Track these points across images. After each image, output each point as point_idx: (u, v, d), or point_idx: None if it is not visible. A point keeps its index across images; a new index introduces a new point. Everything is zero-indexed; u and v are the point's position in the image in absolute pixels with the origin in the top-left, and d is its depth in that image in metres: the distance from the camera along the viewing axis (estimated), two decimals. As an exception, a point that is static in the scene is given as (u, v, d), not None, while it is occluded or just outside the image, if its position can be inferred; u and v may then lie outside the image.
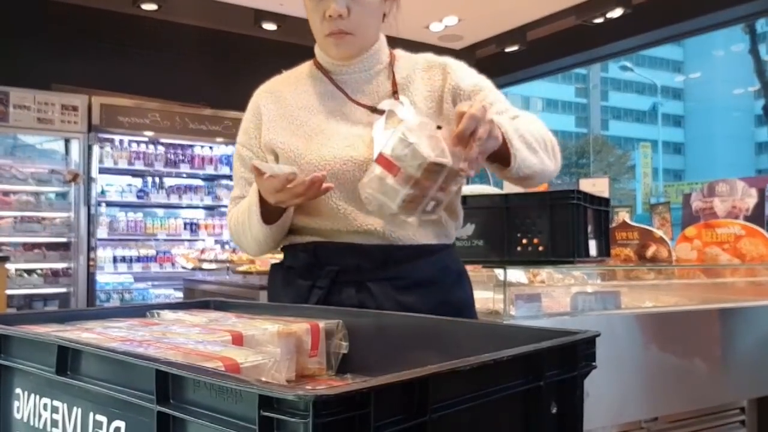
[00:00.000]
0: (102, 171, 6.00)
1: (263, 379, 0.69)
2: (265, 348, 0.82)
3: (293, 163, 1.41)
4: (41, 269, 5.84)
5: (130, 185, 6.36)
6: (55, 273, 5.88)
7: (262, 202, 1.35)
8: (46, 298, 5.86)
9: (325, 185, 1.27)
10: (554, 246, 1.99)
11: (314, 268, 1.41)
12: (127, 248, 6.27)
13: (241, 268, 4.13)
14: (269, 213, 1.38)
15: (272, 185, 1.25)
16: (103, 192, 6.08)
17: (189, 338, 0.84)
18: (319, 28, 1.46)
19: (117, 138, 6.15)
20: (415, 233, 1.40)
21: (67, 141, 5.99)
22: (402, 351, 0.94)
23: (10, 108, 5.60)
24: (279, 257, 1.56)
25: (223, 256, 4.59)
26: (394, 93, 1.45)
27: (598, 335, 0.81)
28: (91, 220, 5.88)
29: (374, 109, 1.44)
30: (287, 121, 1.50)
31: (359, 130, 1.42)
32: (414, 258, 1.40)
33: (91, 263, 5.86)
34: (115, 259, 6.15)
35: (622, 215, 2.83)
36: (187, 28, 7.14)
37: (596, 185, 3.20)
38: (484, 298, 1.95)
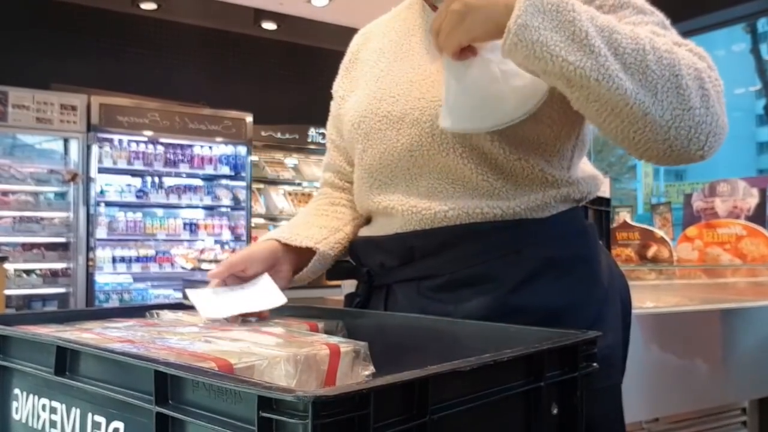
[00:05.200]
0: (101, 171, 6.01)
1: (257, 379, 0.68)
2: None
3: (341, 121, 1.19)
4: (40, 269, 5.84)
5: (129, 185, 6.36)
6: (54, 273, 5.88)
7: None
8: (45, 299, 5.86)
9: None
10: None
11: (356, 270, 1.17)
12: (126, 248, 6.27)
13: (240, 268, 4.12)
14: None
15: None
16: (102, 192, 6.08)
17: (184, 338, 0.84)
18: None
19: (116, 138, 6.16)
20: (445, 205, 1.02)
21: (66, 141, 5.99)
22: (402, 351, 0.94)
23: (9, 108, 5.61)
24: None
25: (223, 256, 4.59)
26: None
27: (599, 336, 0.81)
28: (90, 220, 5.88)
29: None
30: (359, 68, 1.24)
31: (422, 73, 1.08)
32: (444, 246, 1.03)
33: (90, 263, 5.87)
34: (114, 260, 6.15)
35: (623, 215, 2.83)
36: (186, 28, 7.15)
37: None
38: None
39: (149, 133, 6.21)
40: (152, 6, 6.76)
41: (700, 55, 0.95)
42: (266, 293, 1.04)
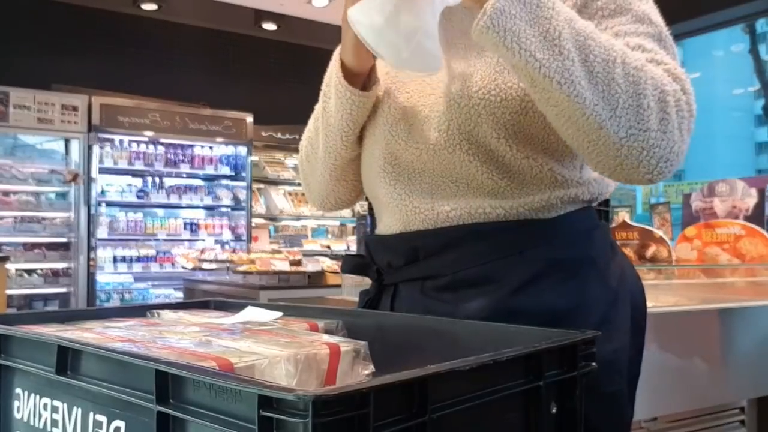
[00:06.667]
0: (102, 171, 6.02)
1: (258, 379, 0.68)
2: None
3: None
4: (41, 269, 5.85)
5: (130, 185, 6.37)
6: (55, 273, 5.89)
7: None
8: (46, 298, 5.87)
9: None
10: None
11: (368, 267, 1.15)
12: (127, 248, 6.28)
13: (240, 268, 4.13)
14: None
15: None
16: (103, 192, 6.09)
17: (185, 337, 0.84)
18: None
19: (117, 138, 6.16)
20: (448, 204, 1.01)
21: (67, 141, 6.00)
22: (402, 351, 0.94)
23: (10, 108, 5.61)
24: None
25: (223, 256, 4.59)
26: None
27: (598, 335, 0.81)
28: (91, 220, 5.89)
29: None
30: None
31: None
32: (447, 246, 1.02)
33: (91, 263, 5.87)
34: (115, 259, 6.16)
35: (622, 215, 2.83)
36: (187, 28, 7.15)
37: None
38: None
39: (150, 133, 6.22)
40: (153, 6, 6.77)
41: (677, 77, 0.92)
42: None
